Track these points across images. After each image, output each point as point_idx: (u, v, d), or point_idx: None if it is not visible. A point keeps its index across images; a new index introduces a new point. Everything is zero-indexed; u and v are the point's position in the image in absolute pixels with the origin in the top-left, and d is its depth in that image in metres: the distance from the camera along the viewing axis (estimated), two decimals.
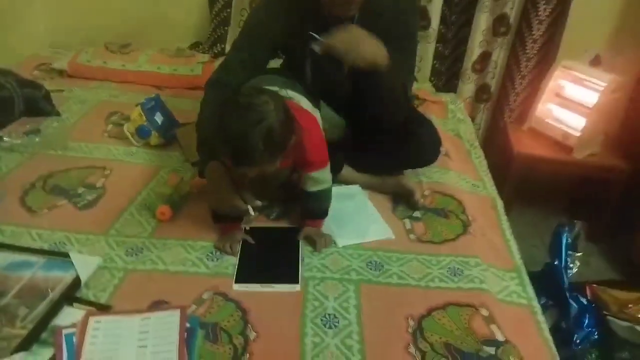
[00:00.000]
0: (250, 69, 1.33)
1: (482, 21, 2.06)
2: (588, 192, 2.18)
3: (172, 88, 2.00)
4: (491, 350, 0.94)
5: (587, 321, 1.48)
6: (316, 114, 1.27)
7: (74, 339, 0.89)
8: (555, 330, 1.50)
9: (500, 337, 0.97)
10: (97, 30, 2.25)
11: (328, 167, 1.19)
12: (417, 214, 1.33)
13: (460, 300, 1.05)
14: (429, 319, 1.00)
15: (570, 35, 2.03)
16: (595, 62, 2.04)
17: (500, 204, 1.47)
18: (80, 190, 1.33)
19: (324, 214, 1.22)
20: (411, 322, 0.99)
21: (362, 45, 1.14)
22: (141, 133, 1.53)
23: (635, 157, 1.97)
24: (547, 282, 1.59)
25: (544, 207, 2.21)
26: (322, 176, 1.18)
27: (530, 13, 1.99)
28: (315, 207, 1.21)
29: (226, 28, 2.16)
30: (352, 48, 1.14)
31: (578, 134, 1.92)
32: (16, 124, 1.62)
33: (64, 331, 0.90)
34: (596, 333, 1.47)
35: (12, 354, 0.85)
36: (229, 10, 2.13)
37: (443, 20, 2.05)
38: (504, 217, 1.40)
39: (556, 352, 1.01)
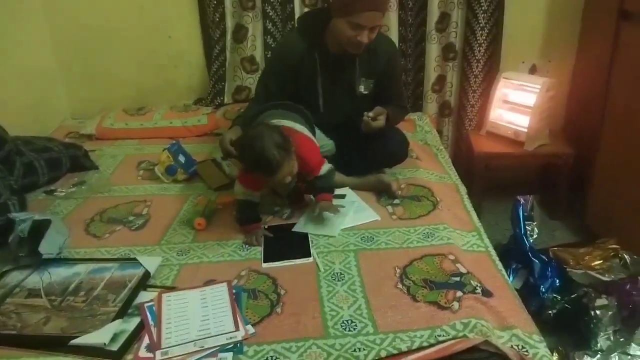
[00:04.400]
0: (277, 85, 1.82)
1: (433, 51, 2.50)
2: (546, 177, 2.57)
3: (184, 137, 2.38)
4: (457, 278, 1.28)
5: (549, 273, 1.81)
6: (309, 134, 1.66)
7: (154, 309, 1.22)
8: (524, 287, 1.84)
9: (463, 270, 1.31)
10: (113, 99, 2.66)
11: (326, 162, 1.60)
12: (396, 201, 1.69)
13: (432, 252, 1.40)
14: (410, 267, 1.35)
15: (507, 51, 2.47)
16: (533, 70, 2.48)
17: (462, 188, 1.84)
18: (131, 217, 1.68)
19: (331, 189, 1.63)
20: (397, 270, 1.33)
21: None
22: (170, 171, 1.90)
23: (578, 143, 2.36)
24: (514, 250, 1.93)
25: (512, 198, 2.56)
26: (325, 169, 1.59)
27: (470, 39, 2.44)
28: (325, 185, 1.61)
29: (223, 84, 2.57)
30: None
31: (525, 130, 2.32)
32: (65, 179, 1.99)
33: (146, 304, 1.23)
34: (558, 282, 1.80)
35: (112, 321, 1.17)
36: (224, 69, 2.55)
37: (402, 54, 2.48)
38: (465, 197, 1.77)
39: (508, 279, 1.33)
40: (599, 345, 1.58)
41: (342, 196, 1.73)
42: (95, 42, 2.56)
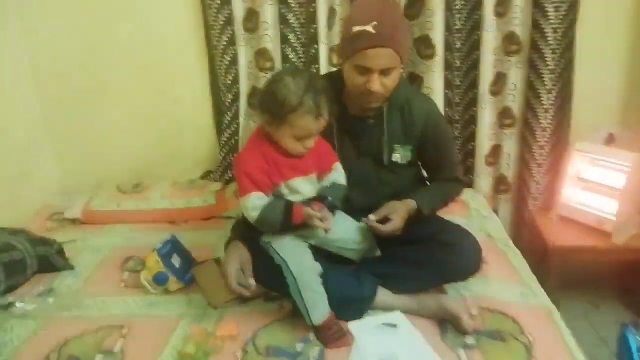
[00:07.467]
0: None
1: (486, 116, 2.07)
2: (630, 272, 2.03)
3: (186, 221, 1.96)
4: None
5: None
6: None
7: None
8: None
9: None
10: (109, 171, 2.28)
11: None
12: (470, 339, 1.19)
13: None
14: None
15: (579, 118, 2.02)
16: (610, 140, 2.01)
17: (557, 314, 1.32)
18: (98, 358, 1.22)
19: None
20: None
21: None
22: (159, 281, 1.45)
23: None
24: None
25: (590, 295, 2.04)
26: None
27: (533, 104, 2.01)
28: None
29: (235, 154, 2.17)
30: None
31: (613, 218, 1.83)
32: (29, 285, 1.55)
33: None
34: None
35: None
36: (236, 137, 2.16)
37: (448, 120, 2.05)
38: (566, 332, 1.24)
39: None
40: None
41: (393, 326, 1.24)
42: (88, 106, 2.20)
